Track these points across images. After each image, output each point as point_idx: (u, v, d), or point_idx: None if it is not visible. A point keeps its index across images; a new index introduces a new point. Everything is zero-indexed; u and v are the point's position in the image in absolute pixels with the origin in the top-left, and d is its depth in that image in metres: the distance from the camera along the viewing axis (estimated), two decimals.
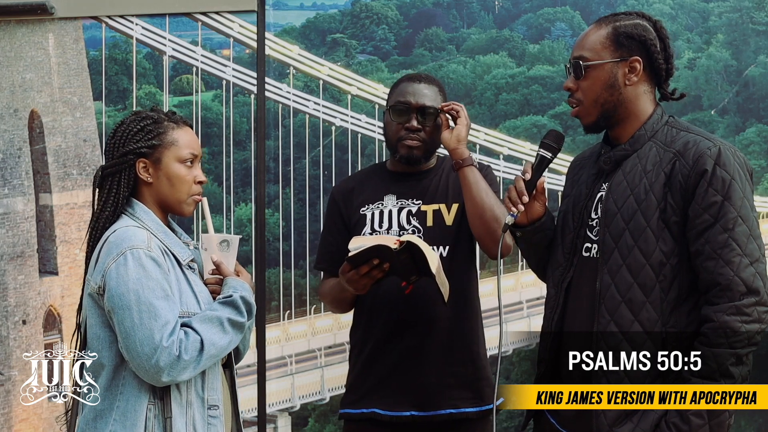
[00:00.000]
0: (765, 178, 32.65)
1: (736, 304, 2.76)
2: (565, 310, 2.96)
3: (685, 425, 2.78)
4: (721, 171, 2.81)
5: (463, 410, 3.50)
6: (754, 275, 2.78)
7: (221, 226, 27.41)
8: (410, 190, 3.57)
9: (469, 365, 3.52)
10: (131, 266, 2.88)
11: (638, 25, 2.93)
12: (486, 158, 29.36)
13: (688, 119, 34.51)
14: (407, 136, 3.52)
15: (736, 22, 35.75)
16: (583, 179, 3.03)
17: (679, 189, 2.82)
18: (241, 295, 2.96)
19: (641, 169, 2.88)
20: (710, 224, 2.79)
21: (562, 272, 2.99)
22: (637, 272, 2.83)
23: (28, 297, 13.77)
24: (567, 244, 2.99)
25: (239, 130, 31.34)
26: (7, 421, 12.88)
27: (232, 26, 24.30)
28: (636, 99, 2.93)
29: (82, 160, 14.51)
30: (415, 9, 39.38)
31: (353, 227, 3.59)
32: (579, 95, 2.95)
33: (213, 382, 2.99)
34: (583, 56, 2.93)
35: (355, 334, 3.61)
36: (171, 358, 2.84)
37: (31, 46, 13.80)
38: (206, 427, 2.95)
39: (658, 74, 2.95)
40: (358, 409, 3.56)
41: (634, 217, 2.85)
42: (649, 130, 2.92)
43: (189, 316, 2.92)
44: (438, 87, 3.58)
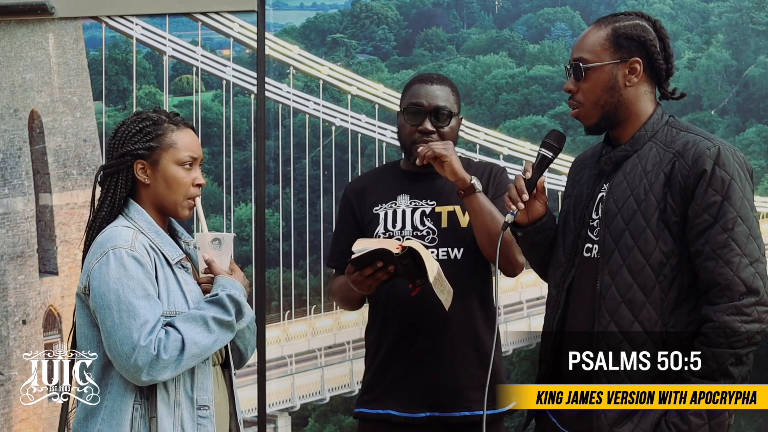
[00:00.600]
0: (765, 178, 32.63)
1: (735, 304, 2.78)
2: (566, 311, 2.97)
3: (685, 425, 2.81)
4: (720, 171, 2.83)
5: (478, 413, 3.49)
6: (753, 275, 2.80)
7: (221, 226, 27.41)
8: (424, 190, 3.56)
9: (484, 367, 3.50)
10: (112, 266, 2.89)
11: (637, 26, 2.95)
12: (486, 158, 29.37)
13: (688, 119, 34.47)
14: (421, 139, 3.51)
15: (736, 22, 35.75)
16: (584, 180, 3.04)
17: (679, 189, 2.84)
18: (228, 293, 2.95)
19: (641, 169, 2.89)
20: (710, 224, 2.82)
21: (564, 273, 2.99)
22: (637, 273, 2.85)
23: (28, 297, 13.77)
24: (568, 245, 3.00)
25: (239, 130, 31.33)
26: (7, 421, 12.88)
27: (232, 26, 24.29)
28: (636, 100, 2.95)
29: (82, 160, 14.51)
30: (415, 9, 39.38)
31: (366, 226, 3.58)
32: (579, 97, 2.97)
33: (203, 382, 2.98)
34: (582, 58, 2.95)
35: (371, 334, 3.61)
36: (149, 357, 2.84)
37: (31, 46, 13.79)
38: (195, 427, 2.94)
39: (658, 74, 2.97)
40: (373, 410, 3.56)
41: (634, 218, 2.86)
42: (650, 130, 2.93)
43: (177, 315, 2.92)
44: (450, 87, 3.57)
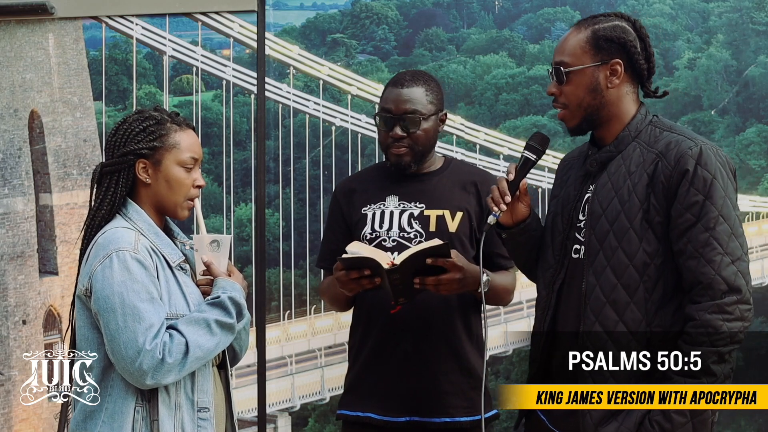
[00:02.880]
0: (765, 178, 32.67)
1: (717, 303, 2.78)
2: (557, 311, 2.98)
3: (668, 423, 2.80)
4: (702, 171, 2.83)
5: (457, 419, 3.48)
6: (735, 273, 2.80)
7: (221, 226, 27.42)
8: (413, 192, 3.54)
9: (464, 374, 3.50)
10: (116, 269, 2.87)
11: (617, 27, 2.95)
12: (486, 158, 29.37)
13: (688, 119, 34.53)
14: (393, 144, 3.50)
15: (736, 22, 35.76)
16: (571, 181, 3.06)
17: (662, 189, 2.85)
18: (230, 295, 2.95)
19: (625, 170, 2.91)
20: (692, 223, 2.82)
21: (554, 274, 3.01)
22: (621, 273, 2.86)
23: (28, 297, 13.78)
24: (557, 246, 3.01)
25: (239, 130, 31.37)
26: (7, 421, 12.89)
27: (232, 26, 24.32)
28: (619, 101, 2.95)
29: (82, 160, 14.52)
30: (415, 9, 39.42)
31: (354, 226, 3.57)
32: (563, 99, 2.97)
33: (203, 384, 2.97)
34: (564, 61, 2.96)
35: (355, 334, 3.60)
36: (154, 361, 2.83)
37: (31, 46, 13.81)
38: (196, 429, 2.93)
39: (639, 74, 2.97)
40: (354, 411, 3.55)
41: (618, 219, 2.88)
42: (633, 130, 2.94)
43: (178, 318, 2.91)
44: (425, 86, 3.49)
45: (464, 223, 3.49)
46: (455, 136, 29.07)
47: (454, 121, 29.14)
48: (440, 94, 3.52)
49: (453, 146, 28.66)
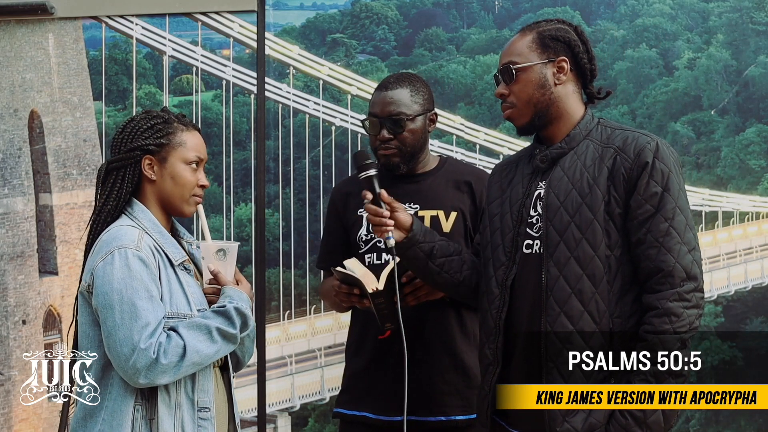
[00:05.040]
0: (765, 178, 32.65)
1: (677, 291, 2.89)
2: (511, 308, 3.02)
3: (639, 412, 2.88)
4: (659, 164, 2.95)
5: (453, 418, 3.51)
6: (692, 262, 2.92)
7: (221, 226, 27.43)
8: (408, 193, 3.55)
9: (459, 372, 3.52)
10: (117, 265, 2.88)
11: (561, 29, 3.10)
12: (486, 158, 29.37)
13: (688, 119, 34.56)
14: (380, 147, 3.53)
15: (736, 22, 35.74)
16: (516, 180, 3.13)
17: (623, 182, 2.95)
18: (236, 305, 2.95)
19: (581, 165, 3.00)
20: (651, 214, 2.93)
21: (506, 270, 3.07)
22: (586, 264, 2.94)
23: (28, 297, 13.78)
24: (507, 243, 3.08)
25: (239, 130, 31.35)
26: (7, 421, 12.89)
27: (232, 26, 24.31)
28: (566, 98, 3.07)
29: (82, 160, 14.52)
30: (415, 9, 39.40)
31: (350, 228, 3.59)
32: (512, 99, 3.10)
33: (204, 384, 2.97)
34: (512, 61, 3.08)
35: (352, 333, 3.62)
36: (148, 360, 2.83)
37: (31, 46, 13.80)
38: (196, 429, 2.94)
39: (584, 74, 3.10)
40: (350, 410, 3.57)
41: (580, 211, 2.96)
42: (584, 129, 3.05)
43: (179, 317, 2.91)
44: (411, 87, 3.52)
45: (459, 223, 3.51)
46: (455, 136, 29.08)
47: (454, 121, 29.15)
48: (428, 94, 3.55)
49: (453, 146, 28.67)
